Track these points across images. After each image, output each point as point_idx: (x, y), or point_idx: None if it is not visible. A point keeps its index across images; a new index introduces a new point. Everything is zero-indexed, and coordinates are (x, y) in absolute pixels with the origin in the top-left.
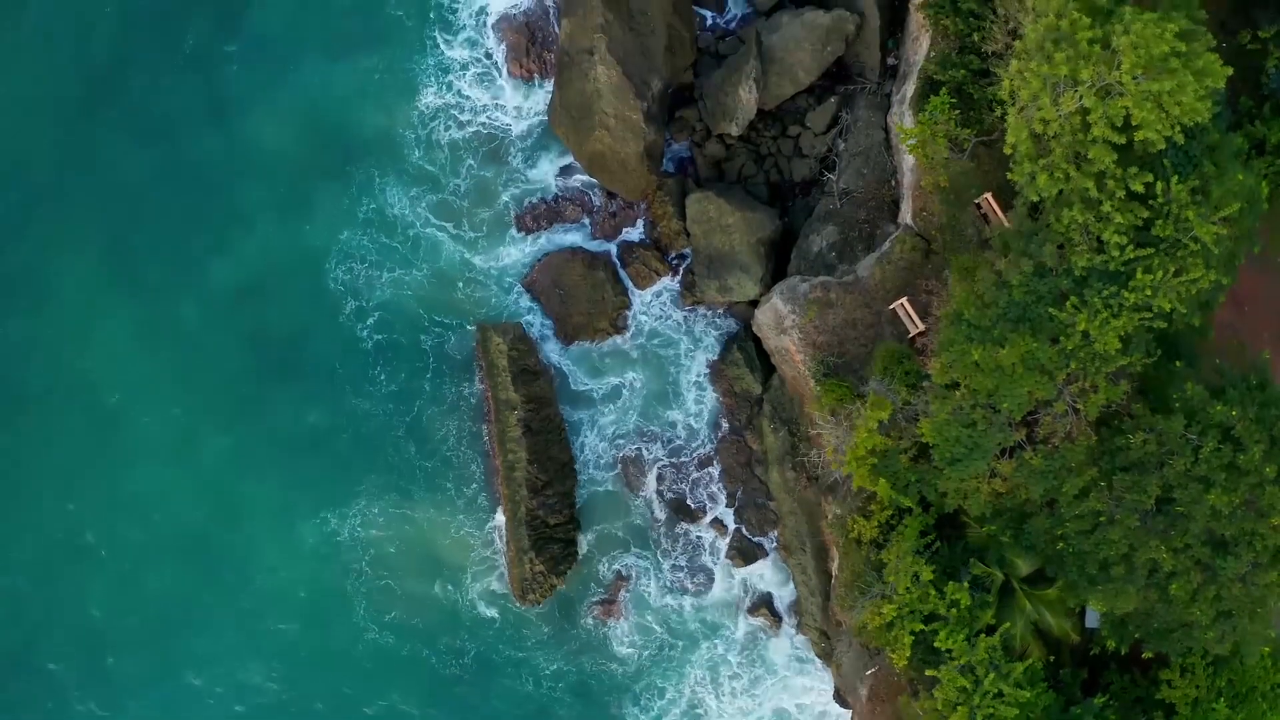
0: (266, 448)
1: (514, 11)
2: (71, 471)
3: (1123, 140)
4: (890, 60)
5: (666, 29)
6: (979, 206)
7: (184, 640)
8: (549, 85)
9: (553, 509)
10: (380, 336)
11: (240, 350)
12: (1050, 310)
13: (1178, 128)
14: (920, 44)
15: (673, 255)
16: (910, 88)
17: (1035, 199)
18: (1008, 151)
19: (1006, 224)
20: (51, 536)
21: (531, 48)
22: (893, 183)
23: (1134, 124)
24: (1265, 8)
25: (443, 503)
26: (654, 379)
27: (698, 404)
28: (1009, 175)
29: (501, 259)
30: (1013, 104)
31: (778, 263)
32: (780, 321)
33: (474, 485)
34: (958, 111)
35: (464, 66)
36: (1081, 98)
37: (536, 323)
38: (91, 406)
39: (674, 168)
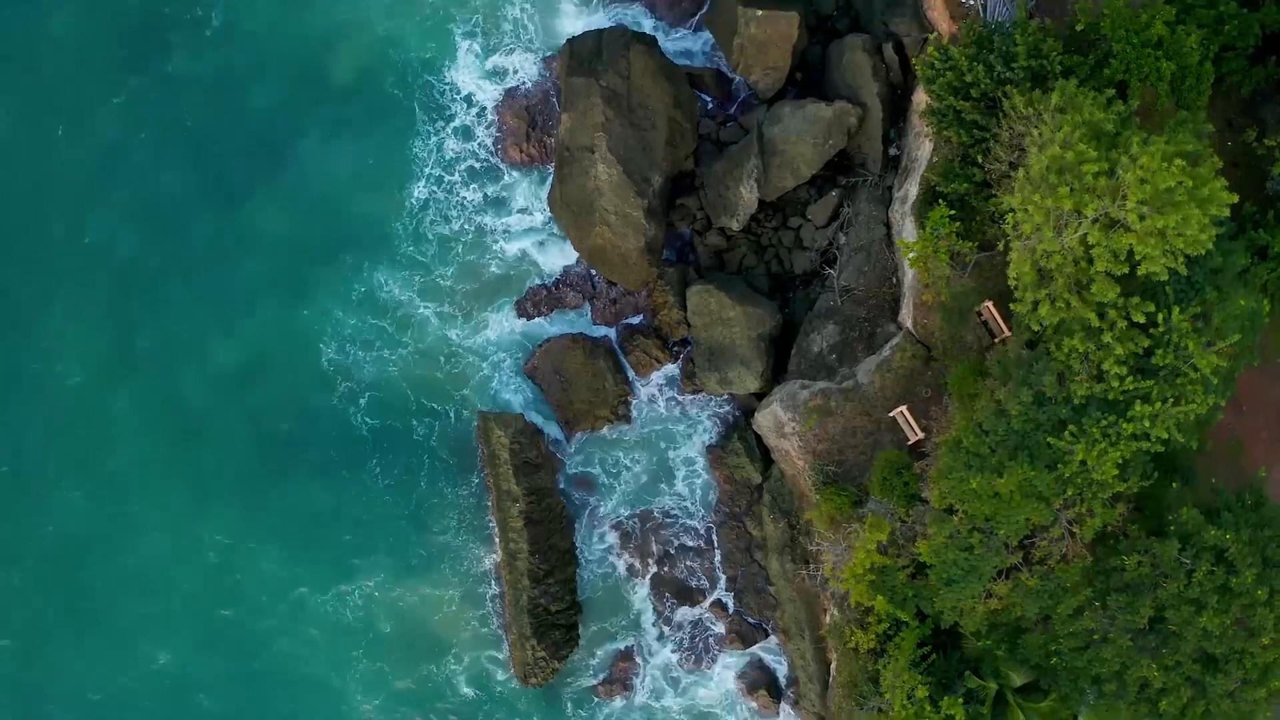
0: (267, 525)
1: (514, 96)
2: (72, 547)
3: (1125, 269)
4: (892, 151)
5: (668, 122)
6: (979, 314)
7: (183, 715)
8: (549, 167)
9: (554, 596)
10: (377, 421)
11: (240, 430)
12: (1049, 439)
13: (1181, 258)
14: (922, 142)
15: (674, 342)
16: (912, 189)
17: (1037, 329)
18: (1010, 283)
19: (1007, 332)
20: (52, 607)
21: (531, 132)
22: (893, 280)
23: (1137, 258)
24: (1273, 104)
25: (444, 584)
26: (655, 464)
27: (698, 489)
28: (1011, 305)
29: (503, 344)
30: (1015, 235)
31: (778, 356)
32: (780, 427)
33: (475, 567)
34: (959, 224)
35: (465, 152)
36: (1085, 233)
37: (537, 408)
38: (91, 483)
39: (675, 254)
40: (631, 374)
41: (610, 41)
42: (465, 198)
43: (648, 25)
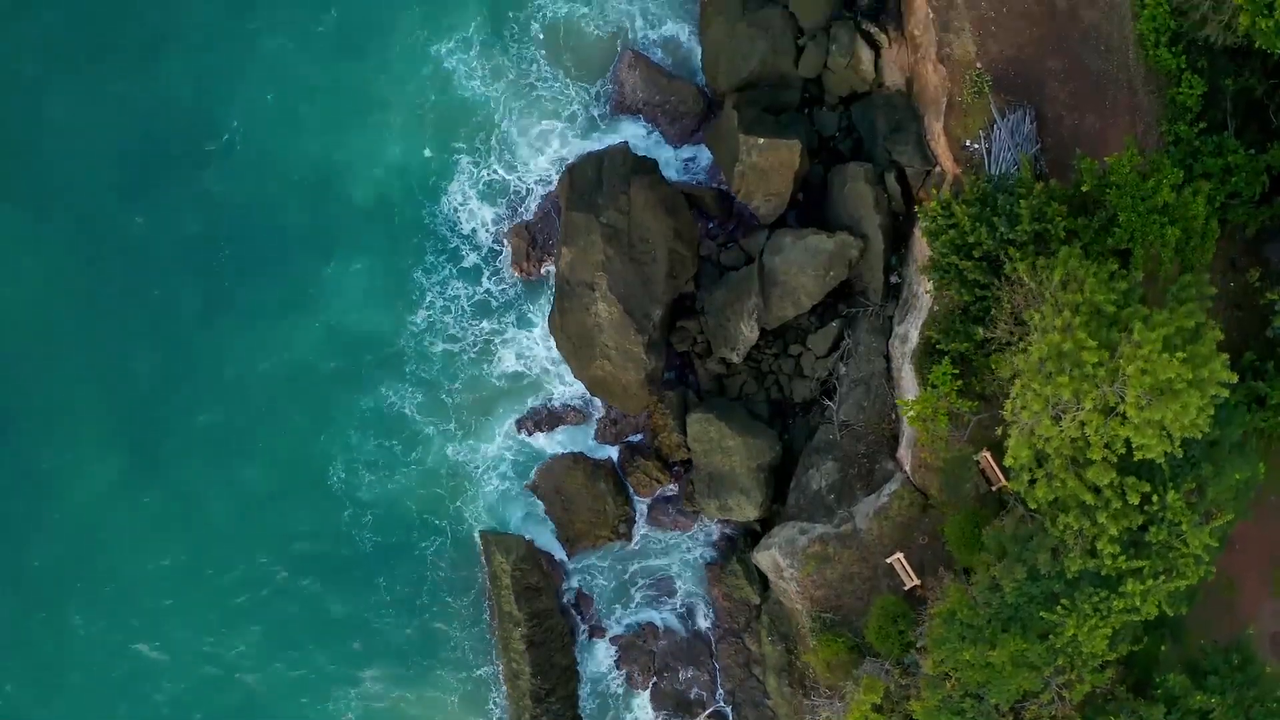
0: (277, 637)
1: (515, 216)
2: (84, 656)
3: (1122, 450)
4: (893, 279)
5: (669, 254)
6: (977, 462)
7: None
8: (550, 284)
9: (556, 714)
10: (382, 538)
11: (250, 548)
12: (1041, 613)
13: (1178, 441)
14: (923, 279)
15: (674, 463)
16: (912, 331)
17: (1034, 506)
18: (1008, 464)
19: (1003, 482)
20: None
21: (532, 251)
22: (892, 416)
23: (1134, 448)
24: (1277, 242)
25: (447, 691)
26: (655, 579)
27: (698, 604)
28: (1008, 484)
29: (505, 460)
30: (1013, 420)
31: (778, 483)
32: (779, 571)
33: (477, 677)
34: (959, 381)
35: (468, 271)
36: (1083, 422)
37: (539, 524)
38: (103, 597)
39: (675, 373)
40: (633, 492)
41: (610, 170)
42: (468, 317)
43: (649, 140)
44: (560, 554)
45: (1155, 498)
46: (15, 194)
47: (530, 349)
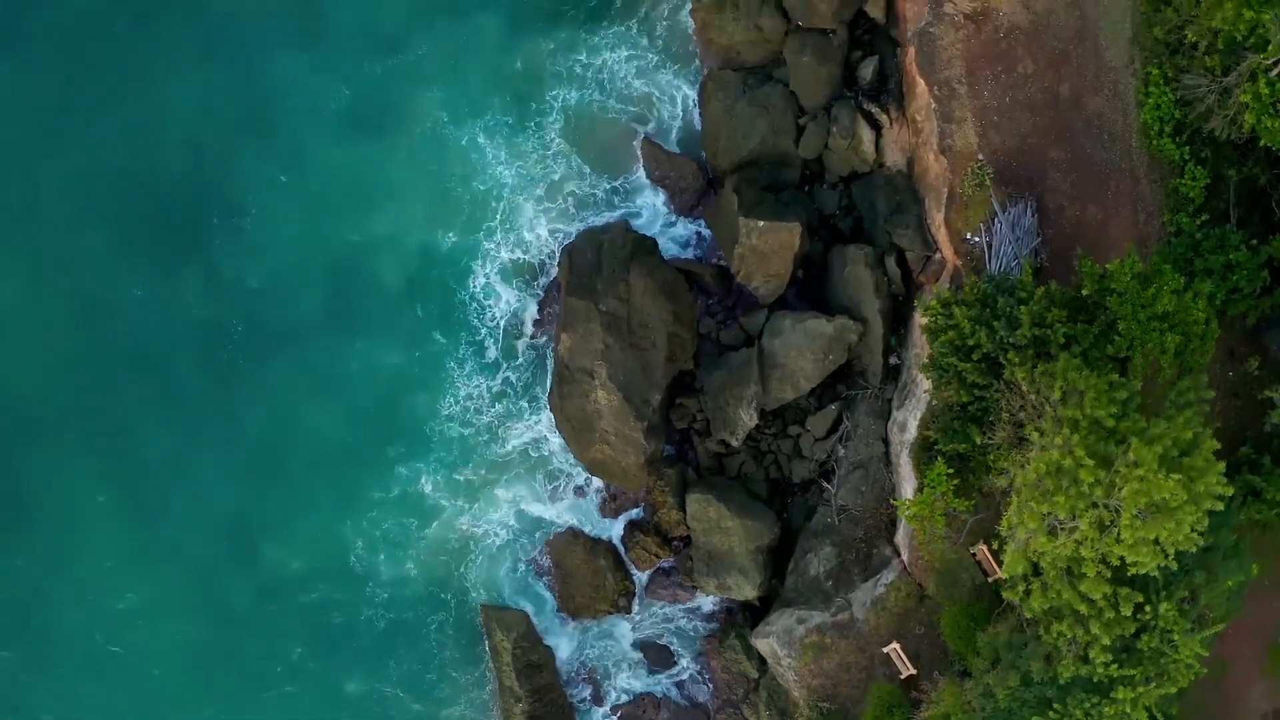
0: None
1: (533, 296)
2: None
3: (1117, 563)
4: (893, 360)
5: (668, 339)
6: (974, 554)
7: None
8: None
9: None
10: (395, 614)
11: (268, 626)
12: (1034, 718)
13: (1172, 554)
14: (923, 382)
15: (674, 538)
16: (911, 422)
17: (1029, 615)
18: (1004, 576)
19: (999, 573)
20: None
21: (537, 329)
22: (890, 501)
23: (1128, 564)
24: (1277, 330)
25: None
26: (655, 651)
27: (696, 676)
28: (1003, 592)
29: (510, 535)
30: (1010, 536)
31: (777, 561)
32: (777, 659)
33: None
34: (956, 481)
35: (488, 354)
36: (1079, 540)
37: (542, 599)
38: (115, 672)
39: (674, 448)
40: (632, 566)
41: (609, 252)
42: (484, 397)
43: (661, 213)
44: (561, 625)
45: (1148, 608)
46: (18, 268)
47: (539, 428)
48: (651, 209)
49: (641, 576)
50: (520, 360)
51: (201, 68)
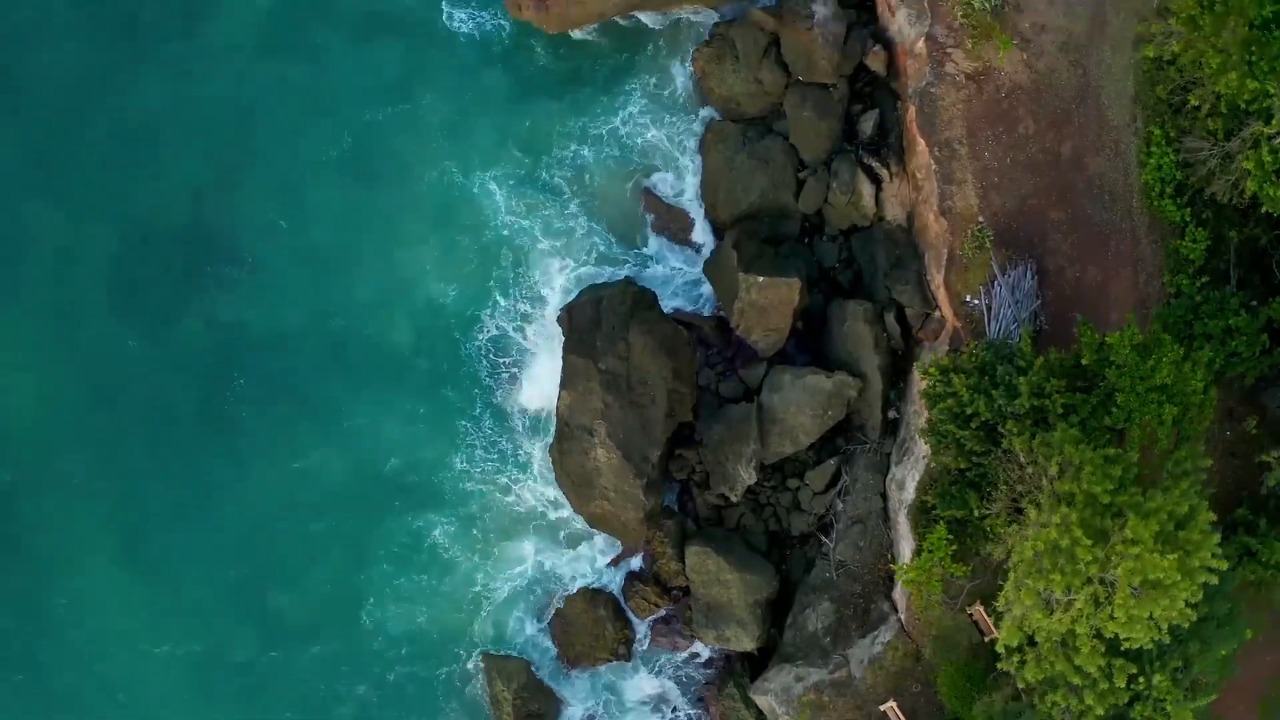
0: None
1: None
2: None
3: (1111, 636)
4: (892, 414)
5: (668, 395)
6: (970, 615)
7: None
8: None
9: None
10: (407, 669)
11: (273, 680)
12: None
13: (1165, 628)
14: (922, 416)
15: (673, 587)
16: (910, 481)
17: (1023, 686)
18: (999, 650)
19: (995, 633)
20: None
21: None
22: (889, 557)
23: (1122, 640)
24: (1275, 388)
25: None
26: (654, 697)
27: None
28: (999, 664)
29: (515, 586)
30: (1006, 610)
31: (775, 615)
32: (775, 716)
33: None
34: (954, 546)
35: (498, 405)
36: (1074, 618)
37: (543, 647)
38: None
39: (674, 497)
40: (633, 616)
41: (609, 309)
42: (491, 449)
43: (656, 263)
44: (560, 673)
45: (1142, 678)
46: (17, 320)
47: (545, 482)
48: (657, 259)
49: (641, 625)
50: (527, 414)
51: (204, 115)
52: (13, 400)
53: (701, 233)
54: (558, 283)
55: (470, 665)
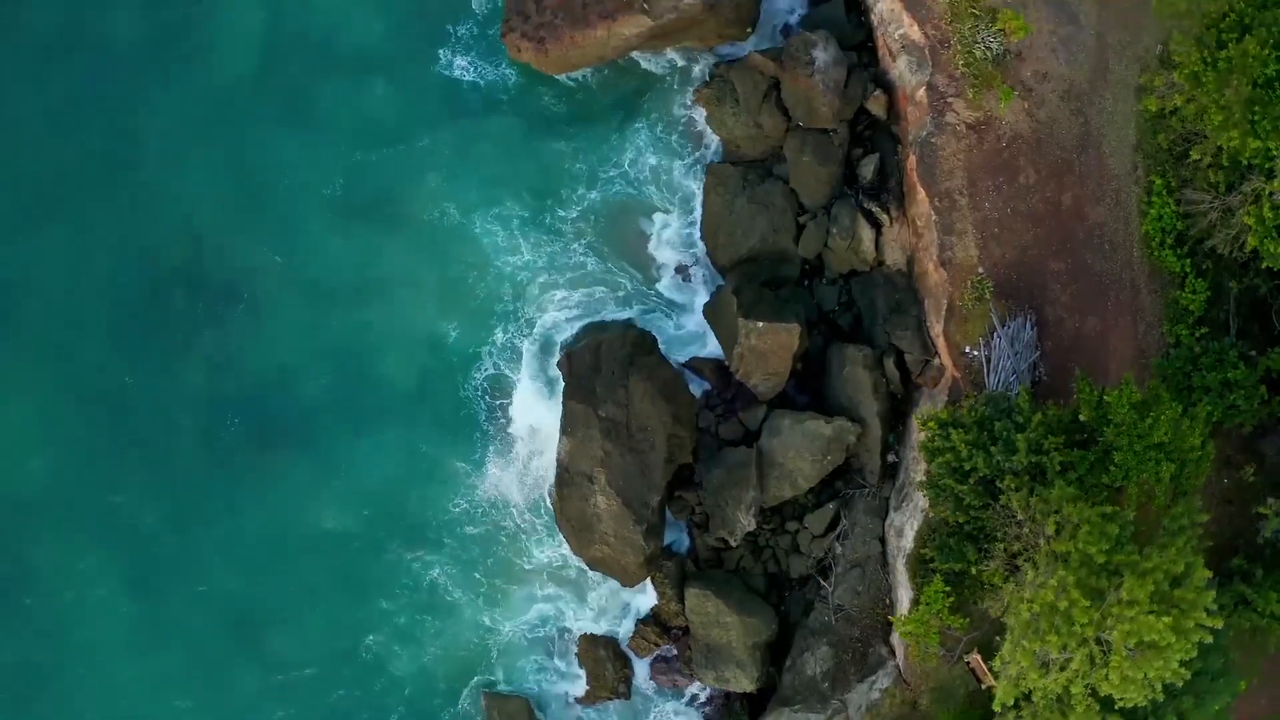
0: None
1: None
2: None
3: (1105, 695)
4: (891, 458)
5: (667, 440)
6: (967, 663)
7: None
8: None
9: None
10: (409, 709)
11: (276, 712)
12: None
13: (1160, 687)
14: (920, 468)
15: (673, 627)
16: (908, 529)
17: None
18: (996, 709)
19: (991, 682)
20: None
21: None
22: (887, 602)
23: (1116, 699)
24: (1273, 435)
25: None
26: None
27: None
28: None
29: (507, 626)
30: (1003, 670)
31: (774, 656)
32: None
33: None
34: (952, 599)
35: (501, 449)
36: (1070, 678)
37: (547, 686)
38: None
39: (685, 535)
40: (633, 655)
41: (608, 354)
42: (489, 490)
43: (658, 303)
44: (563, 712)
45: None
46: (11, 359)
47: (545, 526)
48: (657, 299)
49: (640, 664)
50: (527, 455)
51: (204, 155)
52: (9, 439)
53: (702, 273)
54: (555, 319)
55: (470, 704)
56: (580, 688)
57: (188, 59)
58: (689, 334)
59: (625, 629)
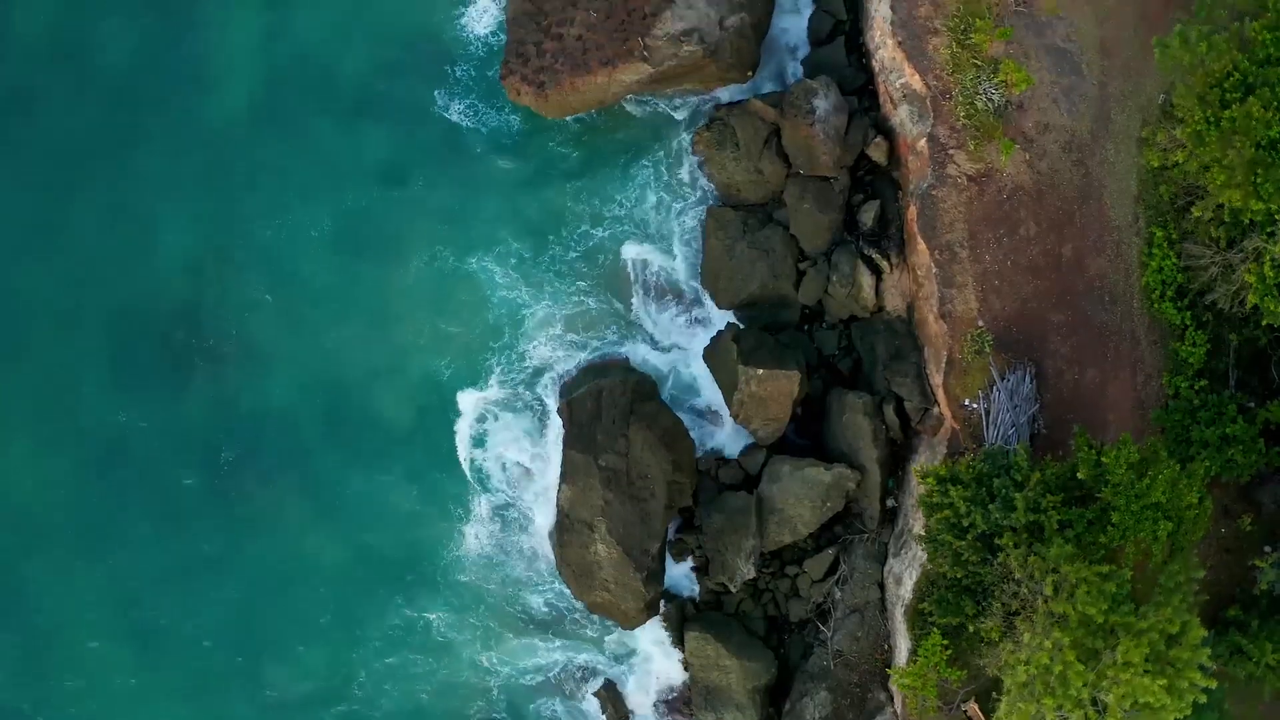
0: None
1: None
2: None
3: None
4: (890, 503)
5: (667, 488)
6: (965, 711)
7: None
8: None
9: None
10: None
11: None
12: None
13: None
14: (919, 517)
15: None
16: (907, 579)
17: None
18: None
19: None
20: None
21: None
22: (885, 647)
23: None
24: (1271, 484)
25: None
26: None
27: None
28: None
29: (505, 670)
30: None
31: (774, 699)
32: None
33: None
34: (949, 651)
35: (496, 491)
36: None
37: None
38: None
39: (673, 579)
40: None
41: (609, 402)
42: (485, 532)
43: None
44: None
45: None
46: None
47: (544, 567)
48: (656, 340)
49: (642, 703)
50: (524, 498)
51: (195, 194)
52: (2, 478)
53: (701, 314)
54: (552, 358)
55: None
56: None
57: (182, 101)
58: (688, 376)
59: (623, 670)
